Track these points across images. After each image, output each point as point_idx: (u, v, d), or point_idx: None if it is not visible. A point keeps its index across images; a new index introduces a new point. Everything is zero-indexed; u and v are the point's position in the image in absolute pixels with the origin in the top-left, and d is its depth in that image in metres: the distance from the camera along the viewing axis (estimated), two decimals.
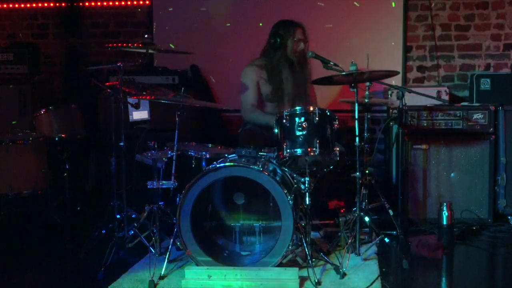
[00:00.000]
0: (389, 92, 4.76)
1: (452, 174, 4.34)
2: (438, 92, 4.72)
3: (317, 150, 3.31)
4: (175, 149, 3.43)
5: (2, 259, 3.73)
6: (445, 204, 3.73)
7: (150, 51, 3.57)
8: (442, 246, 3.61)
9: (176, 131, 3.40)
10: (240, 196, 3.49)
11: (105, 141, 4.73)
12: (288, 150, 3.35)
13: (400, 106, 3.86)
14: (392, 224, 3.78)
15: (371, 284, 3.08)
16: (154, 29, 5.54)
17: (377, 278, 3.15)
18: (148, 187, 3.46)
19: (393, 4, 5.24)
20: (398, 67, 5.25)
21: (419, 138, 4.35)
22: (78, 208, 4.60)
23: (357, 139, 3.51)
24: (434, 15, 5.29)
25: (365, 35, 5.25)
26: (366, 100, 3.88)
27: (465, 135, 4.33)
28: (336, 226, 3.87)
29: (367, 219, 3.62)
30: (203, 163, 3.53)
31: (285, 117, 3.39)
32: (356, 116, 3.52)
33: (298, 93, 4.19)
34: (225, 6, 5.47)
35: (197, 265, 3.25)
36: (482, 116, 4.33)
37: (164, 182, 3.43)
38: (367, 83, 3.82)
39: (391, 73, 3.62)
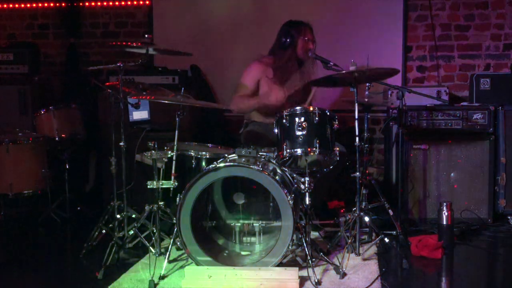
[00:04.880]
0: (389, 92, 4.76)
1: (452, 174, 4.34)
2: (438, 92, 4.72)
3: (317, 150, 3.31)
4: (175, 149, 3.43)
5: (2, 259, 3.72)
6: (445, 204, 3.73)
7: (150, 51, 3.57)
8: (442, 246, 3.61)
9: (176, 131, 3.40)
10: (240, 196, 3.50)
11: (105, 141, 4.73)
12: (288, 150, 3.34)
13: (400, 106, 3.86)
14: (392, 224, 3.79)
15: (371, 284, 3.08)
16: (154, 29, 5.54)
17: (377, 278, 3.15)
18: (148, 187, 3.46)
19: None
20: (398, 67, 5.24)
21: (419, 138, 4.35)
22: (78, 208, 4.59)
23: (357, 139, 3.52)
24: (434, 15, 5.29)
25: (365, 35, 5.25)
26: (366, 100, 3.88)
27: (465, 135, 4.33)
28: (336, 226, 3.87)
29: (367, 219, 3.62)
30: (203, 163, 3.53)
31: (285, 117, 3.38)
32: (356, 116, 3.52)
33: (303, 93, 4.18)
34: (225, 6, 5.48)
35: (197, 265, 3.25)
36: (482, 116, 4.32)
37: (164, 182, 3.43)
38: (368, 83, 3.82)
39: (391, 71, 3.60)
